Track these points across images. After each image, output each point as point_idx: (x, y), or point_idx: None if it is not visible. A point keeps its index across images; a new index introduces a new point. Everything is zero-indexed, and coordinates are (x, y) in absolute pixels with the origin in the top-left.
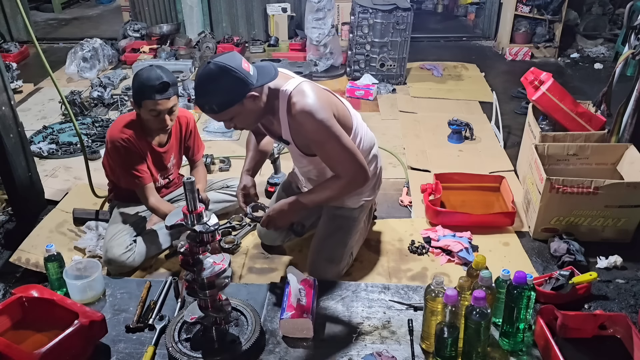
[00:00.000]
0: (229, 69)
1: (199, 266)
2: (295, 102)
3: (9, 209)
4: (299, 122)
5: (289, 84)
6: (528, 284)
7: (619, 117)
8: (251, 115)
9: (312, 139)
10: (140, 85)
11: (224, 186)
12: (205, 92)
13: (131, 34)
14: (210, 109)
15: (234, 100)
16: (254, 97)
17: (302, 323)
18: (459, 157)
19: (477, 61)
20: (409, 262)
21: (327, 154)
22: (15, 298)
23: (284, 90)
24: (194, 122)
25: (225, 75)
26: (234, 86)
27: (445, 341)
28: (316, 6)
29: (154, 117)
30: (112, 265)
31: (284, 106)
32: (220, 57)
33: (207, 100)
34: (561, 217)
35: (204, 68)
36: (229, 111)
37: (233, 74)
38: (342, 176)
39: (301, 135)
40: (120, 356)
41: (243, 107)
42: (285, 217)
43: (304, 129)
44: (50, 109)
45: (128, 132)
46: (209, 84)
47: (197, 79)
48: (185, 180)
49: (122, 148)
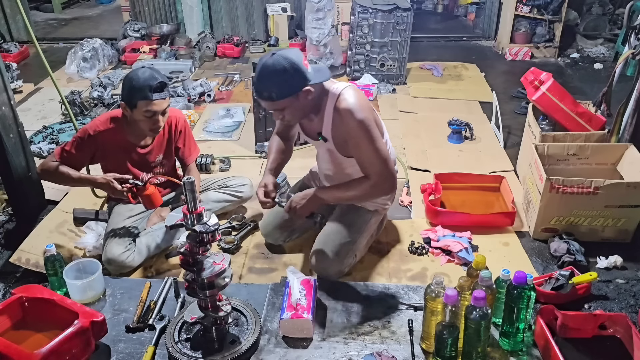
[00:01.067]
0: (293, 63)
1: (199, 266)
2: (343, 99)
3: (9, 209)
4: (344, 118)
5: (337, 85)
6: (528, 284)
7: (619, 117)
8: (301, 109)
9: (353, 135)
10: (135, 85)
11: (224, 186)
12: (268, 79)
13: (131, 34)
14: (269, 96)
15: (292, 92)
16: (308, 92)
17: (302, 323)
18: (459, 157)
19: (477, 61)
20: (409, 263)
21: (363, 153)
22: (15, 298)
23: (333, 89)
24: (183, 122)
25: (290, 68)
26: (295, 79)
27: (445, 341)
28: (316, 6)
29: (147, 118)
30: (111, 265)
31: (331, 104)
32: (285, 51)
33: (268, 88)
34: (561, 217)
35: (271, 58)
36: (284, 101)
37: (296, 67)
38: (372, 177)
39: (342, 131)
40: (120, 356)
41: (297, 100)
42: (306, 207)
43: (348, 125)
44: (50, 109)
45: (107, 126)
46: (273, 73)
47: (262, 67)
48: (185, 180)
49: (88, 136)
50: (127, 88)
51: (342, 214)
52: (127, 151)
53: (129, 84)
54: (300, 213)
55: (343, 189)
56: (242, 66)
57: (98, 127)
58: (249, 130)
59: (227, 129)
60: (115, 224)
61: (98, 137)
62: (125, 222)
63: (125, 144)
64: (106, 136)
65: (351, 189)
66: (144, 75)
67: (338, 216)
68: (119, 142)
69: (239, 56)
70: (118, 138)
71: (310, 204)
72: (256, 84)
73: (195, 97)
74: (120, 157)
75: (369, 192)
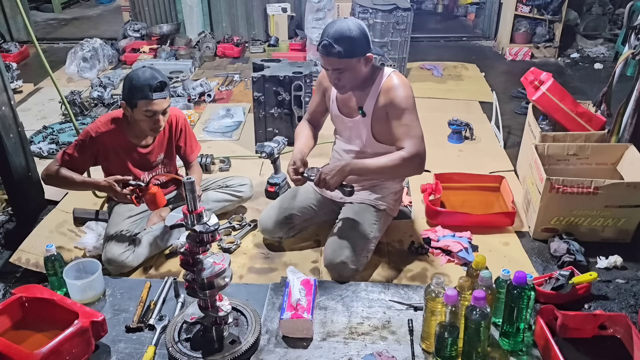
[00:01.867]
0: (364, 29)
1: (199, 266)
2: (394, 77)
3: (9, 209)
4: (394, 90)
5: (387, 69)
6: (528, 284)
7: (619, 117)
8: (357, 75)
9: (398, 106)
10: (135, 85)
11: (224, 185)
12: (340, 35)
13: (131, 34)
14: (338, 52)
15: (358, 53)
16: (368, 60)
17: (302, 323)
18: (459, 157)
19: (477, 61)
20: (409, 263)
21: (405, 122)
22: (15, 298)
23: (384, 70)
24: (184, 121)
25: (362, 31)
26: (364, 42)
27: (445, 341)
28: (316, 6)
29: (148, 117)
30: (111, 265)
31: (380, 81)
32: (353, 20)
33: (339, 42)
34: (561, 217)
35: (344, 21)
36: (350, 61)
37: (366, 33)
38: (407, 147)
39: (386, 105)
40: (120, 356)
41: (358, 64)
42: (335, 177)
43: (396, 97)
44: (50, 109)
45: (108, 127)
46: (346, 30)
47: (337, 25)
48: (185, 180)
49: (89, 138)
50: (128, 87)
51: (354, 213)
52: (129, 151)
53: (129, 84)
54: (330, 184)
55: (374, 160)
56: (242, 66)
57: (99, 128)
58: (249, 130)
59: (227, 129)
60: (115, 224)
61: (99, 139)
62: (125, 222)
63: (126, 145)
64: (107, 137)
65: (382, 159)
66: (144, 74)
67: (351, 214)
68: (120, 142)
69: (239, 56)
70: (119, 138)
71: (339, 174)
72: (328, 39)
73: (195, 97)
74: (122, 157)
75: (401, 164)
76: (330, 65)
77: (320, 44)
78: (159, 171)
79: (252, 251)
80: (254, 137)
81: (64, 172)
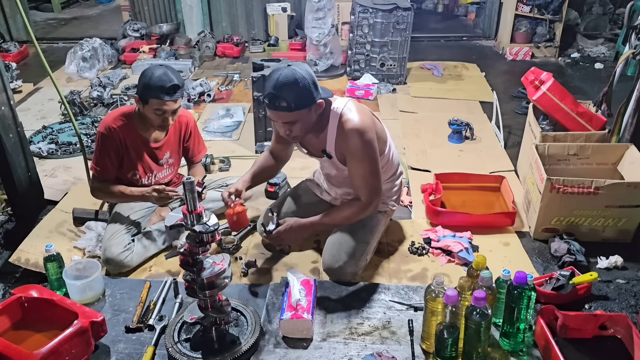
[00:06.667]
0: (310, 74)
1: (199, 266)
2: (346, 120)
3: (8, 209)
4: (348, 137)
5: (337, 102)
6: (528, 284)
7: (620, 117)
8: (309, 123)
9: (353, 154)
10: (150, 83)
11: (223, 185)
12: (287, 89)
13: (131, 34)
14: (288, 106)
15: (307, 104)
16: (320, 106)
17: (302, 323)
18: (459, 157)
19: (478, 61)
20: (409, 263)
21: (359, 172)
22: (15, 298)
23: (334, 107)
24: (193, 123)
25: (308, 79)
26: (311, 91)
27: (446, 341)
28: (316, 6)
29: (157, 115)
30: (110, 265)
31: (334, 122)
32: (299, 64)
33: (285, 97)
34: (562, 217)
35: (288, 69)
36: (299, 113)
37: (312, 79)
38: (362, 197)
39: (344, 149)
40: (120, 356)
41: (309, 113)
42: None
43: (351, 145)
44: (50, 109)
45: (119, 123)
46: (293, 83)
47: (281, 78)
48: (185, 180)
49: (102, 136)
50: (142, 84)
51: None
52: (141, 146)
53: (143, 81)
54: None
55: (334, 215)
56: (241, 66)
57: (109, 124)
58: (249, 130)
59: (226, 128)
60: (115, 223)
61: (114, 133)
62: (124, 222)
63: (138, 138)
64: (121, 131)
65: (342, 212)
66: (161, 75)
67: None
68: (133, 136)
69: (238, 56)
70: (131, 132)
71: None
72: (272, 93)
73: (195, 97)
74: (136, 151)
75: (359, 212)
76: (279, 119)
77: (265, 96)
78: (164, 172)
79: (252, 251)
80: (254, 137)
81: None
